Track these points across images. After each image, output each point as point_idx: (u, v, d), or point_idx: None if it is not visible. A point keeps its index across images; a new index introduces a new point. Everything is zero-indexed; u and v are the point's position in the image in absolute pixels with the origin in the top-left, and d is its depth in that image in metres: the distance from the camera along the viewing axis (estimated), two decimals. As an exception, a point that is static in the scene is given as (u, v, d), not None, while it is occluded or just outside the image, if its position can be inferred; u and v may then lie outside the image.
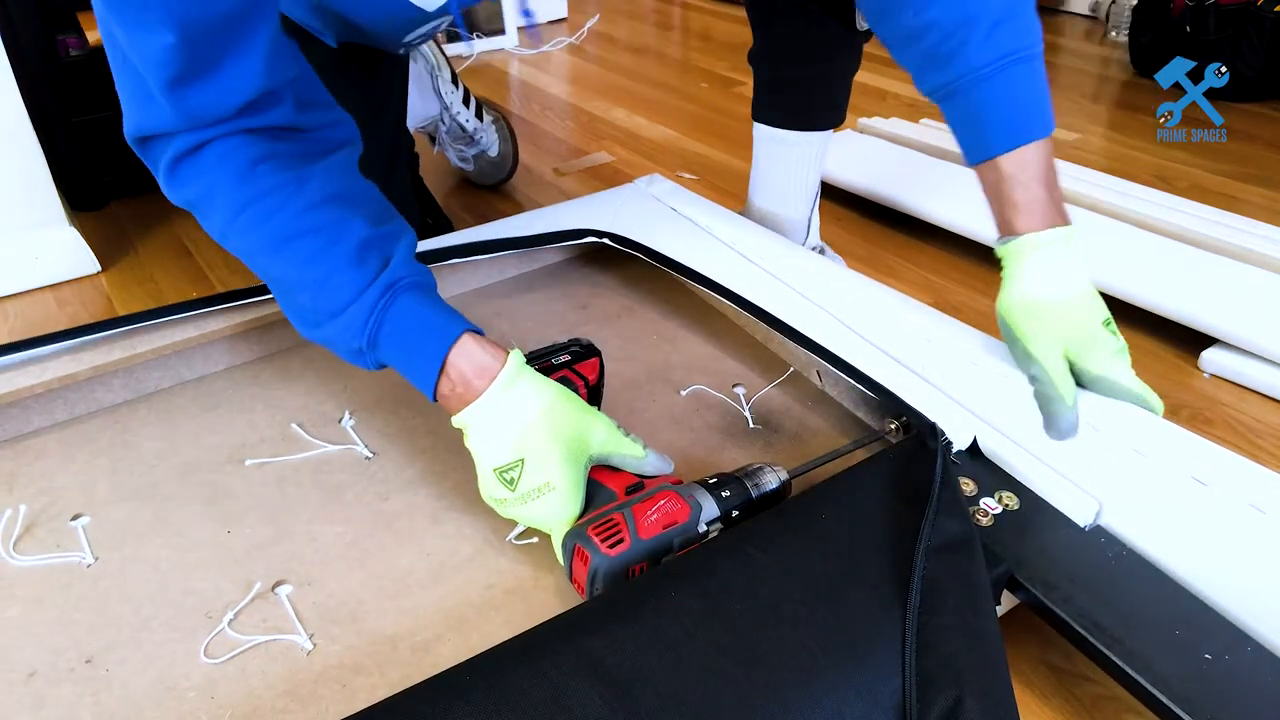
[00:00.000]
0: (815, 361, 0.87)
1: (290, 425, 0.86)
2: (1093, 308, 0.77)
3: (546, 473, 0.67)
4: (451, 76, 1.44)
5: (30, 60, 1.33)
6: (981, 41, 0.74)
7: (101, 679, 0.62)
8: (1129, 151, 1.67)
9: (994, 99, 0.75)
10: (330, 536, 0.74)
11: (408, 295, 0.69)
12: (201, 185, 0.70)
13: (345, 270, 0.69)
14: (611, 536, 0.64)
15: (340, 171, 0.74)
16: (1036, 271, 0.76)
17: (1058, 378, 0.75)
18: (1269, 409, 0.99)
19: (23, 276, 1.26)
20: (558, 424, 0.68)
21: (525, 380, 0.68)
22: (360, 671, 0.62)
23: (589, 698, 0.52)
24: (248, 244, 0.71)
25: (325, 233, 0.69)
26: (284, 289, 0.73)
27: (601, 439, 0.70)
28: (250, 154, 0.69)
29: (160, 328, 0.90)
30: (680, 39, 2.51)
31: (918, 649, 0.56)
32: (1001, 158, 0.76)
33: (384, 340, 0.69)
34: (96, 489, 0.79)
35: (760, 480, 0.71)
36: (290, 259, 0.70)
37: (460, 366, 0.68)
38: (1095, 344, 0.76)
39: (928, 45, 0.76)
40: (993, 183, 0.77)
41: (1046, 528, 0.68)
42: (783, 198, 1.19)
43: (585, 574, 0.64)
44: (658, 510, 0.66)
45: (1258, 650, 0.58)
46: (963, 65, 0.75)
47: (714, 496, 0.68)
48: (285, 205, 0.69)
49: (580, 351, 0.78)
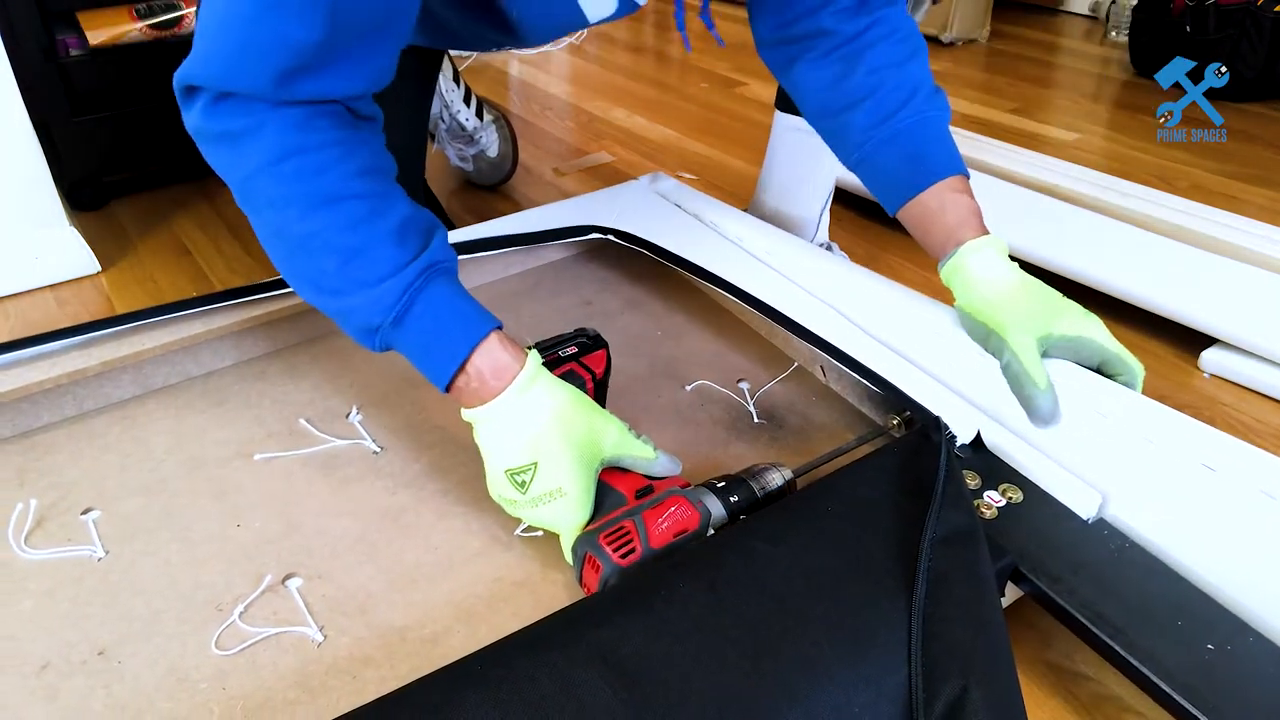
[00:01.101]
0: (820, 356, 0.88)
1: (298, 420, 0.87)
2: (1044, 285, 0.83)
3: (559, 478, 0.67)
4: (453, 74, 1.44)
5: (30, 60, 1.33)
6: (927, 96, 0.87)
7: (114, 671, 0.62)
8: (1129, 151, 1.68)
9: (936, 137, 0.87)
10: (339, 530, 0.74)
11: (443, 280, 0.69)
12: (249, 121, 0.65)
13: (386, 244, 0.67)
14: (624, 545, 0.65)
15: (383, 146, 0.72)
16: (988, 268, 0.82)
17: (1028, 361, 0.78)
18: (1269, 409, 1.00)
19: (23, 276, 1.26)
20: (571, 428, 0.68)
21: (541, 383, 0.69)
22: (370, 663, 0.63)
23: (599, 688, 0.53)
24: (283, 192, 0.66)
25: (372, 201, 0.67)
26: (307, 249, 0.68)
27: (613, 442, 0.70)
28: (306, 110, 0.66)
29: (168, 324, 0.90)
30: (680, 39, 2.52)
31: (923, 640, 0.57)
32: (942, 185, 0.85)
33: (410, 321, 0.67)
34: (106, 483, 0.79)
35: (766, 481, 0.72)
36: (329, 220, 0.66)
37: (480, 364, 0.68)
38: (1062, 312, 0.81)
39: (879, 97, 0.87)
40: (926, 211, 0.86)
41: (1050, 520, 0.69)
42: (794, 192, 1.19)
43: (597, 581, 0.64)
44: (669, 518, 0.66)
45: (1260, 641, 0.59)
46: (912, 109, 0.87)
47: (722, 501, 0.69)
48: (338, 164, 0.66)
49: (588, 343, 0.78)
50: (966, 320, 0.85)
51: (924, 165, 0.87)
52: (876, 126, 0.88)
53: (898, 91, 0.87)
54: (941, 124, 0.88)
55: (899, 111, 0.87)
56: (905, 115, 0.87)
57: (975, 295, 0.83)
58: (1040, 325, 0.80)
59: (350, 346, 0.97)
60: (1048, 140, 1.74)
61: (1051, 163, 1.42)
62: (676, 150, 1.75)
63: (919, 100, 0.87)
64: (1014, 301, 0.81)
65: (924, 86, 0.88)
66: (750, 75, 2.17)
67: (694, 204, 1.14)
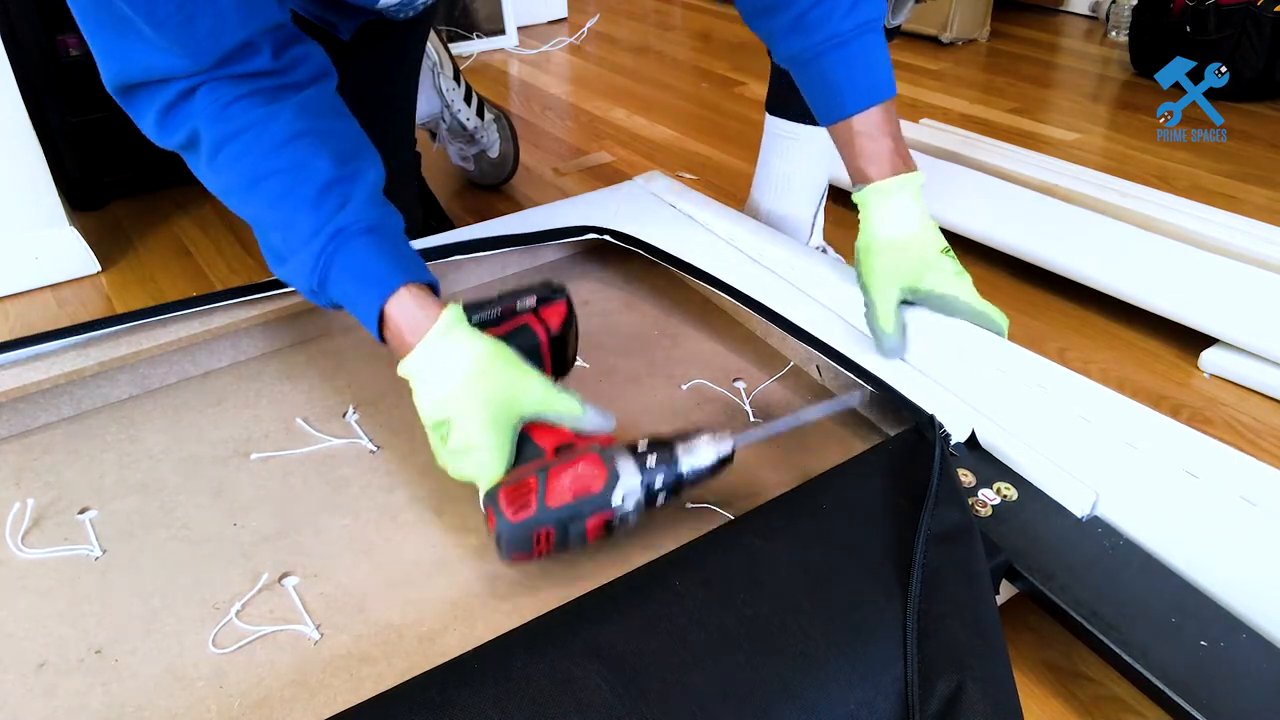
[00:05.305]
0: (815, 356, 0.88)
1: (295, 420, 0.87)
2: (928, 240, 0.87)
3: (470, 434, 0.67)
4: (454, 73, 1.43)
5: (30, 60, 1.33)
6: (846, 11, 0.83)
7: (111, 669, 0.62)
8: (1129, 151, 1.68)
9: (851, 63, 0.85)
10: (336, 529, 0.74)
11: (357, 240, 0.70)
12: (187, 129, 0.71)
13: (304, 212, 0.71)
14: (519, 502, 0.64)
15: (313, 106, 0.75)
16: (880, 216, 0.86)
17: (881, 309, 0.86)
18: (1269, 409, 1.00)
19: (23, 276, 1.26)
20: (484, 386, 0.68)
21: (454, 339, 0.69)
22: (367, 661, 0.63)
23: (596, 684, 0.53)
24: (224, 183, 0.73)
25: (290, 174, 0.71)
26: (259, 227, 0.75)
27: (535, 399, 0.69)
28: (229, 95, 0.70)
29: (165, 324, 0.91)
30: (680, 39, 2.52)
31: (919, 636, 0.57)
32: (855, 117, 0.86)
33: (332, 284, 0.71)
34: (103, 483, 0.79)
35: (694, 449, 0.68)
36: (260, 199, 0.72)
37: (396, 320, 0.70)
38: (932, 268, 0.87)
39: (794, 13, 0.85)
40: (846, 139, 0.88)
41: (1044, 518, 0.69)
42: (789, 195, 1.19)
43: (494, 535, 0.65)
44: (572, 476, 0.65)
45: (1253, 637, 0.59)
46: (827, 31, 0.84)
47: (638, 464, 0.66)
48: (255, 145, 0.71)
49: (548, 295, 0.77)
50: (855, 259, 0.90)
51: (838, 98, 0.87)
52: (789, 46, 0.88)
53: (815, 9, 0.84)
54: (861, 45, 0.85)
55: (816, 29, 0.84)
56: (821, 34, 0.84)
57: (860, 238, 0.88)
58: (905, 278, 0.86)
59: (346, 347, 0.98)
60: (1047, 140, 1.74)
61: (1051, 162, 1.42)
62: (676, 150, 1.75)
63: (836, 19, 0.83)
64: (884, 253, 0.86)
65: None
66: (750, 75, 2.17)
67: (689, 203, 1.14)
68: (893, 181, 0.85)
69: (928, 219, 0.87)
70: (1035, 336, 1.11)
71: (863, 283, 0.88)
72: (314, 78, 0.76)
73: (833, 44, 0.84)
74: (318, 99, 0.76)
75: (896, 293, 0.86)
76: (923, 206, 0.87)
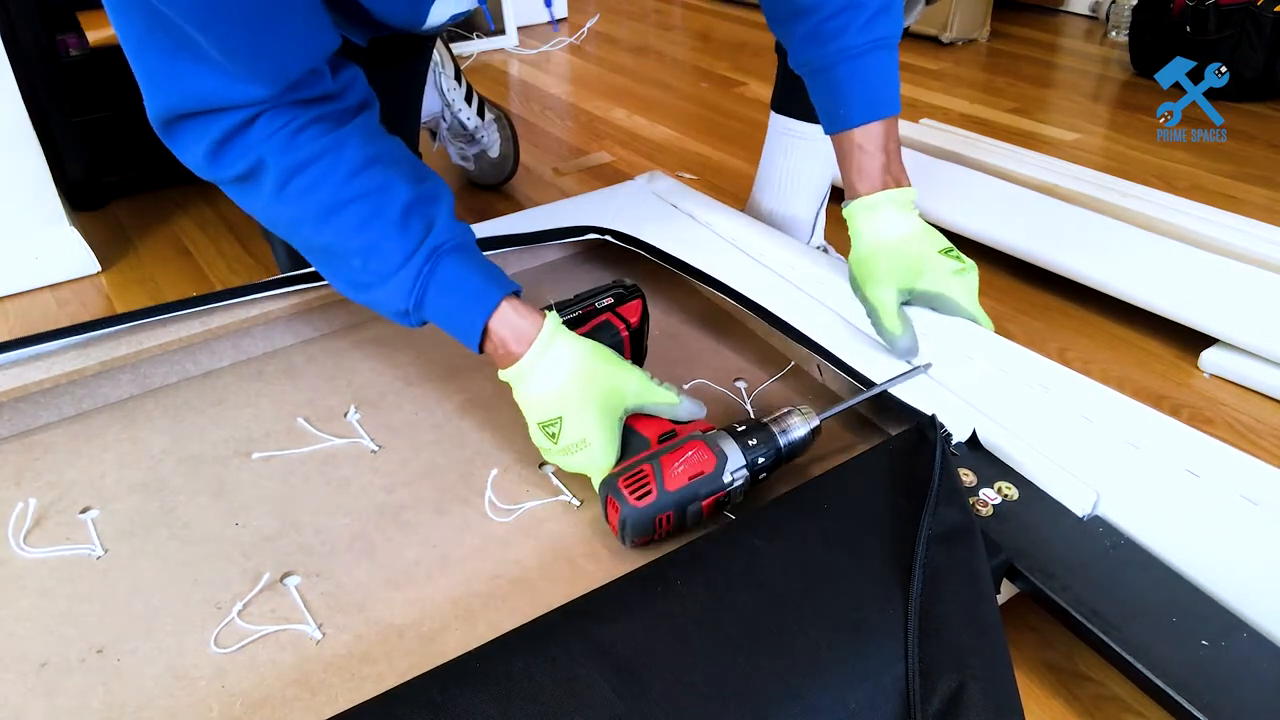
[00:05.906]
0: (815, 356, 0.88)
1: (296, 419, 0.87)
2: (925, 240, 0.88)
3: (582, 429, 0.72)
4: (455, 73, 1.43)
5: (30, 60, 1.33)
6: (862, 26, 0.84)
7: (113, 668, 0.62)
8: (1129, 151, 1.68)
9: (860, 76, 0.86)
10: (337, 528, 0.74)
11: (450, 259, 0.73)
12: (250, 160, 0.71)
13: (392, 236, 0.72)
14: (640, 488, 0.69)
15: (372, 129, 0.76)
16: (869, 227, 0.88)
17: (884, 312, 0.86)
18: (1269, 409, 1.00)
19: (23, 276, 1.26)
20: (590, 383, 0.72)
21: (560, 343, 0.73)
22: (368, 660, 0.63)
23: (598, 684, 0.53)
24: (295, 213, 0.73)
25: (370, 199, 0.72)
26: (333, 256, 0.75)
27: (635, 391, 0.74)
28: (296, 122, 0.71)
29: (166, 324, 0.91)
30: (680, 39, 2.52)
31: (920, 636, 0.57)
32: (856, 129, 0.87)
33: (429, 304, 0.74)
34: (105, 482, 0.79)
35: (788, 427, 0.74)
36: (339, 228, 0.73)
37: (500, 332, 0.73)
38: (929, 267, 0.88)
39: (813, 23, 0.86)
40: (845, 150, 0.89)
41: (1045, 518, 0.69)
42: (792, 193, 1.19)
43: (616, 521, 0.69)
44: (684, 461, 0.70)
45: (1253, 636, 0.59)
46: (842, 43, 0.85)
47: (740, 445, 0.72)
48: (331, 172, 0.72)
49: (623, 294, 0.84)
50: (849, 274, 0.91)
51: (843, 109, 0.88)
52: (805, 54, 0.89)
53: (832, 21, 0.84)
54: (873, 60, 0.86)
55: (831, 40, 0.85)
56: (835, 46, 0.85)
57: (852, 252, 0.89)
58: (903, 278, 0.87)
59: (347, 346, 0.98)
60: (1047, 140, 1.74)
61: (1051, 162, 1.42)
62: (676, 150, 1.75)
63: (851, 33, 0.84)
64: (878, 258, 0.87)
65: (865, 9, 0.84)
66: (750, 75, 2.17)
67: (689, 203, 1.14)
68: (879, 196, 0.87)
69: (920, 225, 0.88)
70: (1035, 336, 1.11)
71: (861, 294, 0.89)
72: (364, 100, 0.77)
73: (845, 56, 0.85)
74: (372, 121, 0.77)
75: (896, 293, 0.87)
76: (912, 216, 0.88)
